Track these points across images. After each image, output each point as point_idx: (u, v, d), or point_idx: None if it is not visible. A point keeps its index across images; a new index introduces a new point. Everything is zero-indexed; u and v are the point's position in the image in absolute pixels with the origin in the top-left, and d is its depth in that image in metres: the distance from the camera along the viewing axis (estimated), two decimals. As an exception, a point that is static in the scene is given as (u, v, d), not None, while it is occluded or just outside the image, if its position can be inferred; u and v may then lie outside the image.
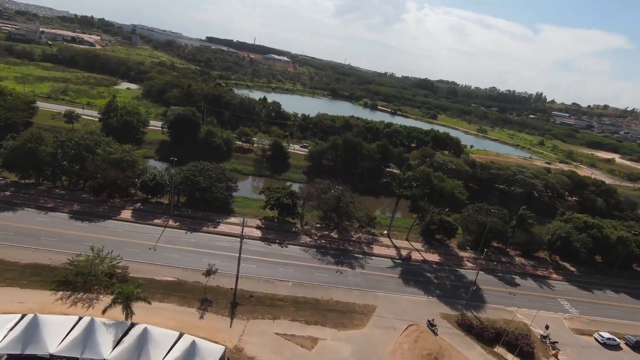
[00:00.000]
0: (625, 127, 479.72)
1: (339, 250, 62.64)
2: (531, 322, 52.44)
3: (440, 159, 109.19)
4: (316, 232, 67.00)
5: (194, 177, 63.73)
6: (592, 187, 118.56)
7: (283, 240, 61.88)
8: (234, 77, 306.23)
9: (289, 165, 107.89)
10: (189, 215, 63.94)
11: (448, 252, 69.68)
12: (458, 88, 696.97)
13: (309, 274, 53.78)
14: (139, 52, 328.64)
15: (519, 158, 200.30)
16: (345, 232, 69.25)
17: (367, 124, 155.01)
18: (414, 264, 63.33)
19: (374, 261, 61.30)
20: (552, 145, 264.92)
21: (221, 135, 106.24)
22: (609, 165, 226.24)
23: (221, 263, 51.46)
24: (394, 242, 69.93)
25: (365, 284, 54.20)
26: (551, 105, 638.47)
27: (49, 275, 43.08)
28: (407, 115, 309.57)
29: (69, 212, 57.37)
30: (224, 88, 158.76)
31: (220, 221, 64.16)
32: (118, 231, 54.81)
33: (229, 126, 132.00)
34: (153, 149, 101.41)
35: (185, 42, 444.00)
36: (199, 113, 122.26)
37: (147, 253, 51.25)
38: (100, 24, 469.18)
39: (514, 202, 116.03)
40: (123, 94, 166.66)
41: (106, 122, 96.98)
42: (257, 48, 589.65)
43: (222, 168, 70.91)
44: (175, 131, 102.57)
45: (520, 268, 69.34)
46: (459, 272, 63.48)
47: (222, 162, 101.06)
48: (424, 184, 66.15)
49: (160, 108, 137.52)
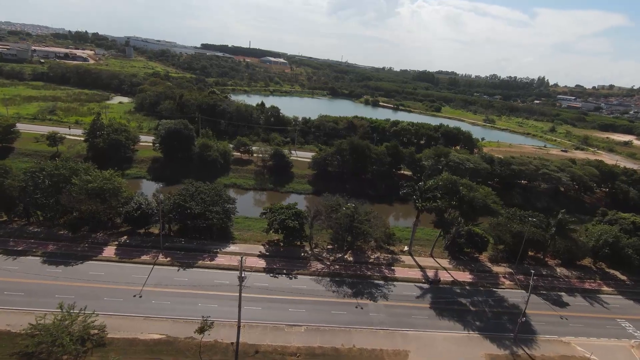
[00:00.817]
0: (634, 106, 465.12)
1: (355, 276, 54.24)
2: (591, 355, 43.76)
3: (457, 158, 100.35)
4: (328, 256, 58.65)
5: (184, 203, 55.66)
6: (622, 176, 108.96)
7: (291, 270, 53.62)
8: (231, 83, 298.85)
9: (292, 175, 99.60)
10: (182, 246, 55.92)
11: (479, 269, 60.97)
12: (458, 78, 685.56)
13: (324, 314, 45.46)
14: (133, 64, 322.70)
15: (534, 148, 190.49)
16: (361, 253, 60.87)
17: (372, 123, 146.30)
18: (443, 287, 54.71)
19: (398, 288, 52.78)
20: (566, 131, 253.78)
21: (217, 147, 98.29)
22: (627, 148, 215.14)
23: (220, 308, 43.51)
24: (417, 260, 61.35)
25: (392, 320, 45.73)
26: (555, 89, 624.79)
27: (7, 346, 35.19)
28: (411, 109, 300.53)
29: (42, 255, 49.60)
30: (218, 96, 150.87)
31: (218, 251, 56.09)
32: (98, 275, 46.85)
33: (226, 136, 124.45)
34: (144, 168, 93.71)
35: (180, 51, 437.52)
36: (193, 125, 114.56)
37: (131, 302, 43.27)
38: (94, 39, 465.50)
39: (538, 199, 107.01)
40: (115, 108, 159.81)
41: (92, 143, 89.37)
42: (253, 52, 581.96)
43: (217, 189, 62.78)
44: (167, 147, 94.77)
45: (565, 282, 60.42)
46: (496, 293, 54.75)
47: (219, 177, 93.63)
48: (449, 193, 57.40)
49: (153, 121, 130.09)
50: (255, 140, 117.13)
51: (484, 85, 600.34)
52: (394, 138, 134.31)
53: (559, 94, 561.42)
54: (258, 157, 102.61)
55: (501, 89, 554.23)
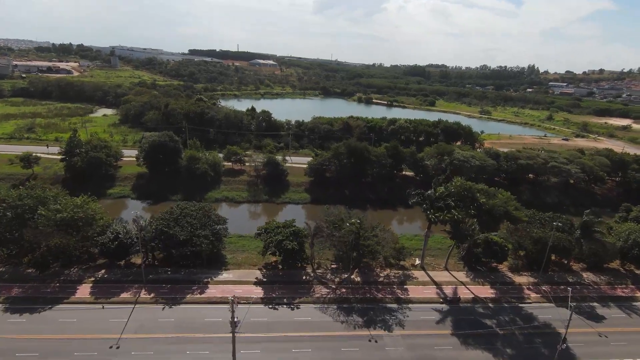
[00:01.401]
0: (626, 89, 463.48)
1: (365, 300, 48.20)
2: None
3: (461, 156, 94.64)
4: (333, 277, 52.57)
5: (168, 230, 49.25)
6: (634, 165, 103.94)
7: (293, 298, 47.47)
8: (220, 88, 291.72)
9: (287, 183, 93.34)
10: (168, 277, 49.57)
11: (500, 280, 55.17)
12: (449, 70, 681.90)
13: (333, 352, 39.33)
14: (119, 74, 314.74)
15: (534, 138, 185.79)
16: (369, 271, 54.87)
17: (369, 123, 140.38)
18: (464, 306, 48.86)
19: (414, 311, 46.82)
20: (564, 119, 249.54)
21: (206, 159, 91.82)
22: (627, 133, 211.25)
23: (212, 355, 37.34)
24: (431, 275, 55.45)
25: (413, 355, 39.66)
26: (546, 76, 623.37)
27: None
28: (404, 105, 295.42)
29: (4, 302, 42.99)
30: (206, 103, 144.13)
31: (209, 280, 49.83)
32: (69, 323, 40.41)
33: (216, 145, 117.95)
34: (129, 186, 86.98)
35: (167, 58, 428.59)
36: (180, 135, 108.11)
37: (106, 355, 36.89)
38: (78, 50, 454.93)
39: (548, 194, 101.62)
40: (99, 122, 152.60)
41: (69, 163, 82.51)
42: (242, 55, 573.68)
43: (206, 208, 56.49)
44: (152, 162, 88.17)
45: (595, 289, 54.80)
46: (523, 310, 48.96)
47: (210, 191, 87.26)
48: (462, 200, 51.42)
49: (138, 133, 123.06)
50: (247, 148, 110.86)
51: (475, 76, 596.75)
52: (392, 137, 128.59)
53: (550, 81, 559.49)
54: (251, 166, 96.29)
55: (492, 79, 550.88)
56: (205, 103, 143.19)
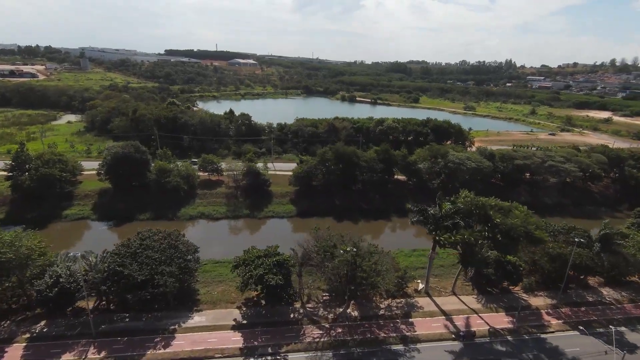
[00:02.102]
0: (599, 82, 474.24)
1: (366, 342, 40.58)
2: None
3: (456, 158, 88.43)
4: (325, 313, 44.72)
5: (122, 269, 40.16)
6: (630, 160, 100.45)
7: (279, 346, 39.35)
8: (198, 89, 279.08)
9: (270, 194, 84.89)
10: (125, 327, 40.58)
11: (515, 304, 48.58)
12: (430, 66, 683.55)
13: (331, 422, 31.62)
14: (89, 76, 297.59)
15: (522, 134, 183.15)
16: (367, 302, 47.34)
17: (355, 123, 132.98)
18: (480, 342, 41.93)
19: (424, 354, 39.56)
20: (547, 113, 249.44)
21: (178, 170, 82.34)
22: (610, 125, 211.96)
23: None
24: (438, 302, 48.38)
25: (427, 417, 32.43)
26: (523, 70, 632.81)
27: None
28: (389, 103, 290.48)
29: None
30: (179, 107, 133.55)
31: (176, 327, 41.12)
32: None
33: (191, 153, 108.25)
34: (89, 205, 76.57)
35: (141, 59, 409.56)
36: (151, 145, 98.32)
37: None
38: (45, 52, 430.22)
39: (546, 195, 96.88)
40: (62, 129, 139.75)
41: (16, 181, 71.64)
42: (221, 54, 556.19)
43: (173, 236, 47.63)
44: (115, 176, 78.14)
45: (619, 309, 49.04)
46: (547, 342, 42.46)
47: (183, 207, 77.79)
48: (470, 216, 44.39)
49: (105, 142, 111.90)
50: (225, 156, 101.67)
51: (455, 72, 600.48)
52: (380, 138, 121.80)
53: (527, 75, 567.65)
54: (229, 175, 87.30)
55: (472, 74, 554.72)
56: (178, 107, 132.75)
